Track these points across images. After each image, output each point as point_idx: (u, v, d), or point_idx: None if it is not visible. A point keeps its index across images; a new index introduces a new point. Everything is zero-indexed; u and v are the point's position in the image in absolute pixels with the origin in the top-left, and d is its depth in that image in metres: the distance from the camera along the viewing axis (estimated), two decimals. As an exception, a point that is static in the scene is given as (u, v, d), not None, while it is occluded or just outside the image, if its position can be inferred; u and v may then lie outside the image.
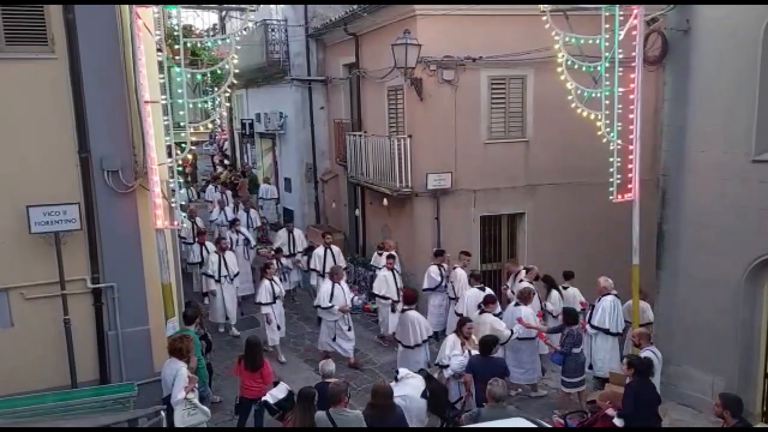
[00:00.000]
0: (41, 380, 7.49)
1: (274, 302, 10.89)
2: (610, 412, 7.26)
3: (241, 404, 8.22)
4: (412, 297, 9.88)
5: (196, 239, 13.56)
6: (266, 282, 10.84)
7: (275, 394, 7.55)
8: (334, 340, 10.61)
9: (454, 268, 11.32)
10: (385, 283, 11.44)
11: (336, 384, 6.56)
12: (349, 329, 10.76)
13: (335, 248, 12.92)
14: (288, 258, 13.69)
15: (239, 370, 8.13)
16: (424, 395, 7.03)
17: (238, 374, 8.20)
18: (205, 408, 7.19)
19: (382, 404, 6.32)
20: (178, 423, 6.86)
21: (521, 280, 10.68)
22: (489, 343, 7.72)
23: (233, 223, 14.51)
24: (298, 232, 14.33)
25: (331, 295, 10.45)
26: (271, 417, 7.61)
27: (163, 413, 6.96)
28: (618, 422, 7.12)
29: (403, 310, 9.78)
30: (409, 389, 7.15)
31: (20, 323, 7.65)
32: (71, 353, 7.73)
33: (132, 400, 7.23)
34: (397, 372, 7.78)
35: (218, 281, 11.88)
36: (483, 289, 10.40)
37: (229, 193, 19.32)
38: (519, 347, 9.58)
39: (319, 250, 12.73)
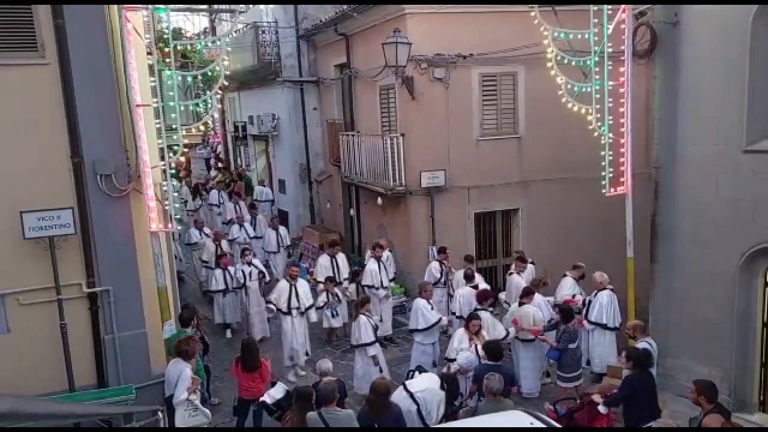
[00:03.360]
0: (39, 386, 7.44)
1: (377, 341, 9.45)
2: (596, 398, 7.32)
3: (240, 405, 8.22)
4: (483, 296, 9.57)
5: (219, 263, 12.15)
6: (363, 318, 9.32)
7: (273, 394, 7.55)
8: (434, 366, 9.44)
9: (510, 274, 11.19)
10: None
11: (327, 383, 6.58)
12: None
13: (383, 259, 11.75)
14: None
15: (237, 372, 8.14)
16: (441, 387, 7.06)
17: (236, 376, 8.21)
18: (206, 410, 7.22)
19: (378, 402, 6.34)
20: (179, 424, 6.88)
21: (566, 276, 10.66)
22: (497, 350, 7.67)
23: (243, 254, 12.20)
24: (342, 256, 12.29)
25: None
26: (270, 417, 7.62)
27: (161, 414, 6.96)
28: (602, 409, 7.19)
29: (476, 310, 9.45)
30: (428, 383, 7.17)
31: (16, 329, 7.61)
32: (68, 358, 7.70)
33: (131, 403, 7.23)
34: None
35: (287, 313, 10.28)
36: (476, 288, 10.41)
37: (242, 204, 17.19)
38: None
39: (372, 265, 11.45)
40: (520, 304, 9.51)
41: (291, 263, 11.38)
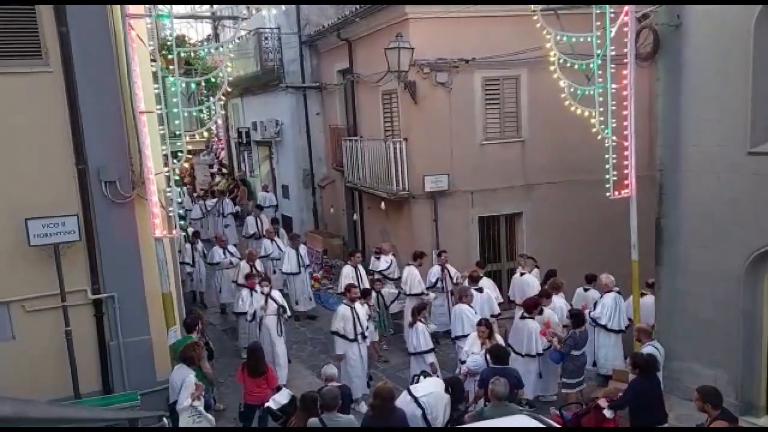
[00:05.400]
0: (44, 392, 7.43)
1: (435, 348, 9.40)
2: (602, 403, 7.29)
3: (246, 411, 8.22)
4: (532, 305, 9.39)
5: (247, 283, 10.93)
6: (421, 326, 9.20)
7: (278, 399, 7.54)
8: None
9: (522, 274, 11.11)
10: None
11: (329, 390, 6.58)
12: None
13: None
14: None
15: (243, 377, 8.15)
16: (447, 390, 7.06)
17: (242, 381, 8.21)
18: (210, 416, 7.22)
19: (383, 406, 6.33)
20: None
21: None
22: (502, 354, 7.65)
23: (261, 284, 10.45)
24: (361, 267, 11.87)
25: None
26: (275, 422, 7.61)
27: (165, 419, 6.96)
28: (608, 413, 7.17)
29: (522, 317, 9.34)
30: (433, 387, 7.16)
31: (22, 336, 7.65)
32: (73, 364, 7.73)
33: (136, 410, 7.24)
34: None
35: (353, 340, 9.47)
36: (480, 290, 10.39)
37: (264, 218, 16.14)
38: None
39: (414, 271, 11.28)
40: None
41: (351, 285, 10.27)
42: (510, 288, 11.46)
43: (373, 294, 11.52)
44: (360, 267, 11.83)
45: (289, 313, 10.64)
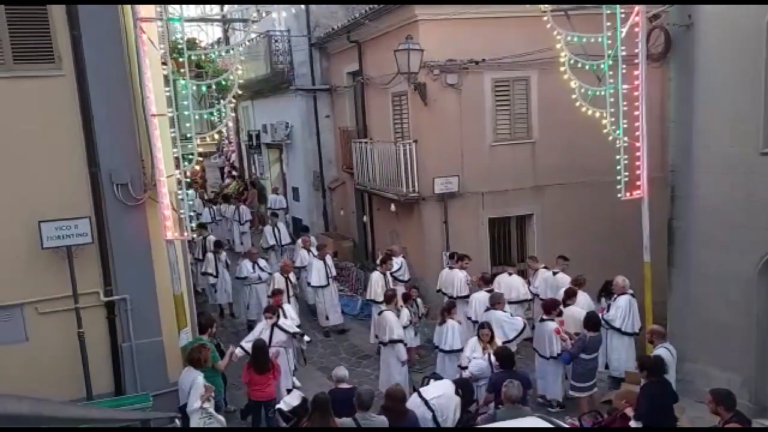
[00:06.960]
0: (57, 394, 7.44)
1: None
2: (629, 412, 7.20)
3: (254, 408, 8.30)
4: (550, 306, 9.30)
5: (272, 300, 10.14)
6: (455, 324, 9.26)
7: (289, 401, 7.58)
8: None
9: (555, 273, 10.99)
10: None
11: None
12: None
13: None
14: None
15: (249, 376, 8.19)
16: (457, 392, 7.04)
17: (248, 380, 8.28)
18: (221, 417, 7.25)
19: (395, 408, 6.33)
20: (195, 430, 6.92)
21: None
22: (509, 356, 7.61)
23: (266, 314, 9.26)
24: (389, 277, 11.44)
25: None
26: (286, 424, 7.62)
27: (177, 421, 6.99)
28: (634, 424, 7.07)
29: (542, 320, 9.29)
30: (443, 389, 7.15)
31: (35, 338, 7.69)
32: (86, 366, 7.76)
33: (148, 411, 7.27)
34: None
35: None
36: (491, 292, 10.35)
37: (282, 227, 15.63)
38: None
39: (457, 272, 11.16)
40: (565, 305, 9.37)
41: (391, 293, 9.98)
42: (541, 286, 11.32)
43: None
44: (389, 274, 11.50)
45: (307, 339, 9.86)
